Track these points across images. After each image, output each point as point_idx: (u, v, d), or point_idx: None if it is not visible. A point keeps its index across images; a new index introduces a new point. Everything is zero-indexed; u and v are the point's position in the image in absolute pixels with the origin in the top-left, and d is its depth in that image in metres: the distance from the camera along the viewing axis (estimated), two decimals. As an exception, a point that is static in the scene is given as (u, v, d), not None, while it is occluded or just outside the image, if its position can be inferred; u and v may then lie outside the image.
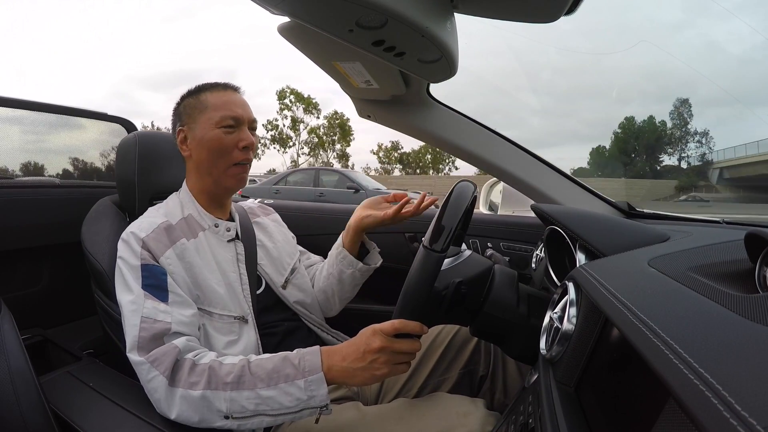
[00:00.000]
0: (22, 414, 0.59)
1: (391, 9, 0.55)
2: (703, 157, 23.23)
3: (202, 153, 0.78)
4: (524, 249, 1.25)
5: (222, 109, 0.78)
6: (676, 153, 24.50)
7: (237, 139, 0.78)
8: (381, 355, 0.61)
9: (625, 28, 43.22)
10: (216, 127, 0.77)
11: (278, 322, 0.85)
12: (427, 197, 0.89)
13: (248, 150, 0.79)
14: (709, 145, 24.27)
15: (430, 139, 1.14)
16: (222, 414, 0.61)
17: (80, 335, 1.17)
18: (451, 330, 0.89)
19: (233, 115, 0.78)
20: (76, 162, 1.81)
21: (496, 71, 33.64)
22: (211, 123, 0.77)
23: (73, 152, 1.70)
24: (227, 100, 0.79)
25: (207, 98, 0.79)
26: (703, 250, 0.54)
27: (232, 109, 0.78)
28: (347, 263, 0.93)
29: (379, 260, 0.98)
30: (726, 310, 0.34)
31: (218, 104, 0.78)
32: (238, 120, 0.79)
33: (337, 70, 0.90)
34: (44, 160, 1.75)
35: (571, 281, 0.54)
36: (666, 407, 0.28)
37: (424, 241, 0.61)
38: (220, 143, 0.77)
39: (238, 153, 0.79)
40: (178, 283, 0.70)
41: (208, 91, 0.80)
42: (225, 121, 0.77)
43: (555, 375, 0.48)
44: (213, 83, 0.82)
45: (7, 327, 0.67)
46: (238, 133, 0.78)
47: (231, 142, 0.78)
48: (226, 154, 0.78)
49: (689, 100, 24.77)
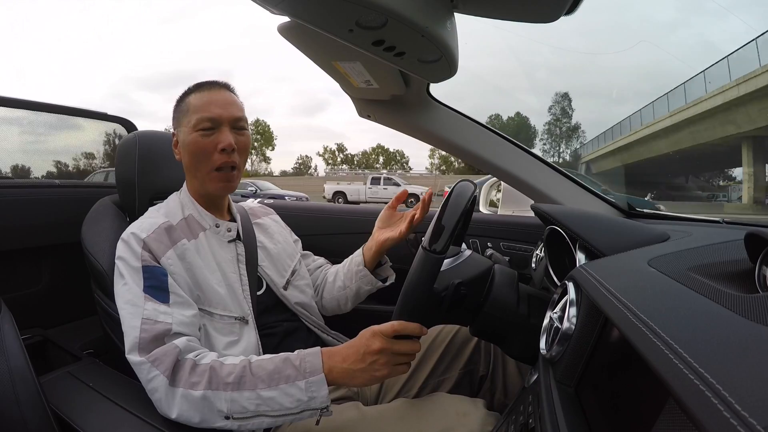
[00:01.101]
0: (22, 414, 0.59)
1: (391, 9, 0.55)
2: (575, 152, 23.08)
3: (185, 157, 0.78)
4: (524, 249, 1.25)
5: (200, 111, 0.75)
6: (547, 147, 24.22)
7: (215, 141, 0.75)
8: (381, 356, 0.62)
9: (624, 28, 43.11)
10: (193, 130, 0.75)
11: (278, 323, 0.85)
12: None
13: (227, 152, 0.75)
14: (580, 140, 24.07)
15: (430, 139, 1.14)
16: (223, 414, 0.61)
17: (80, 335, 1.17)
18: (451, 330, 0.89)
19: (210, 116, 0.75)
20: (76, 161, 1.81)
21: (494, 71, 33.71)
22: (189, 126, 0.75)
23: (73, 153, 1.70)
24: (207, 101, 0.76)
25: (190, 101, 0.77)
26: (703, 250, 0.54)
27: (210, 110, 0.75)
28: (367, 281, 0.94)
29: (393, 275, 0.98)
30: (726, 310, 0.34)
31: (197, 106, 0.76)
32: (216, 121, 0.75)
33: (337, 70, 0.90)
34: (44, 161, 1.76)
35: (571, 281, 0.54)
36: (666, 407, 0.28)
37: (424, 243, 0.61)
38: (196, 147, 0.75)
39: (218, 156, 0.75)
40: (179, 284, 0.70)
41: (193, 93, 0.78)
42: (201, 124, 0.75)
43: (555, 375, 0.48)
44: (201, 83, 0.80)
45: (7, 327, 0.67)
46: (216, 134, 0.75)
47: (209, 145, 0.75)
48: (205, 158, 0.75)
49: (569, 94, 24.67)
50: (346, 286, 0.96)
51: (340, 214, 1.45)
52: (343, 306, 0.99)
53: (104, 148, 1.79)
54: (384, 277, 0.97)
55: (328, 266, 1.06)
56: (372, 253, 0.93)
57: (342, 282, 0.97)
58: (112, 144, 1.33)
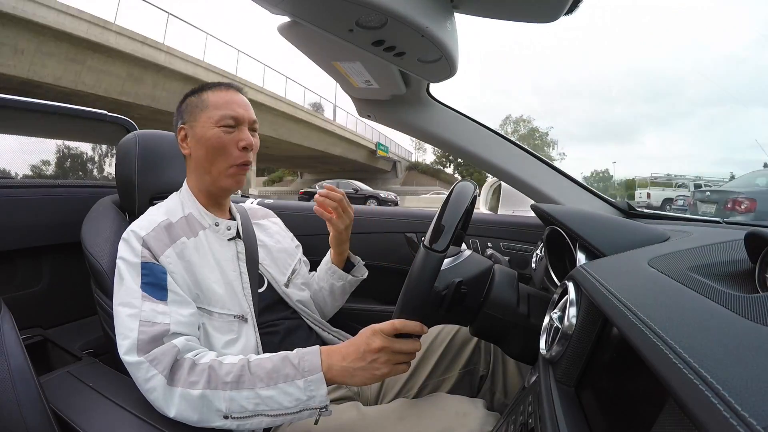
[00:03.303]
0: (22, 414, 0.59)
1: (391, 9, 0.55)
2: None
3: (200, 151, 0.78)
4: (524, 249, 1.25)
5: (223, 108, 0.78)
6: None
7: (236, 138, 0.78)
8: (381, 355, 0.61)
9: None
10: (216, 125, 0.77)
11: (279, 321, 0.85)
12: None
13: (247, 150, 0.79)
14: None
15: (430, 139, 1.14)
16: (221, 414, 0.61)
17: (80, 335, 1.17)
18: (451, 330, 0.89)
19: (233, 115, 0.78)
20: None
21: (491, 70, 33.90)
22: (211, 121, 0.77)
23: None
24: (228, 100, 0.79)
25: (209, 97, 0.79)
26: (703, 250, 0.54)
27: (233, 109, 0.78)
28: (337, 276, 0.99)
29: (365, 272, 1.04)
30: (726, 310, 0.34)
31: (219, 103, 0.78)
32: (238, 120, 0.78)
33: (337, 70, 0.90)
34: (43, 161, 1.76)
35: (571, 281, 0.54)
36: (666, 407, 0.28)
37: (424, 241, 0.61)
38: (218, 142, 0.77)
39: (237, 153, 0.78)
40: (177, 282, 0.70)
41: (210, 90, 0.80)
42: (225, 120, 0.77)
43: (555, 375, 0.48)
44: (216, 83, 0.82)
45: (7, 327, 0.67)
46: (237, 132, 0.78)
47: (230, 141, 0.78)
48: (225, 153, 0.78)
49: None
50: (321, 286, 1.00)
51: None
52: (324, 307, 1.01)
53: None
54: (358, 276, 1.02)
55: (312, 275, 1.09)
56: (334, 253, 0.99)
57: (317, 284, 1.01)
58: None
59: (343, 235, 0.94)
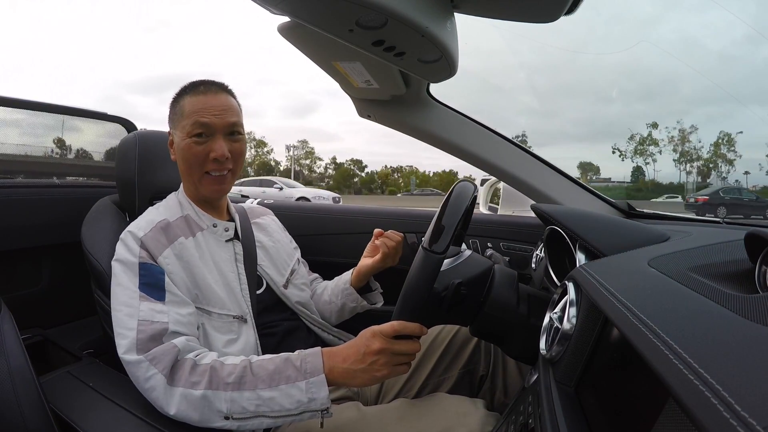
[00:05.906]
0: (22, 414, 0.59)
1: (391, 9, 0.55)
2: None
3: (179, 161, 0.78)
4: (524, 249, 1.25)
5: (193, 116, 0.74)
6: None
7: (207, 149, 0.74)
8: (381, 356, 0.62)
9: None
10: (187, 136, 0.74)
11: (278, 322, 0.85)
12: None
13: (219, 162, 0.75)
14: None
15: (430, 139, 1.14)
16: (222, 414, 0.61)
17: (80, 335, 1.17)
18: (451, 330, 0.89)
19: (203, 122, 0.74)
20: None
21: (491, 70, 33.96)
22: (184, 131, 0.75)
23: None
24: (201, 107, 0.74)
25: (184, 104, 0.76)
26: (703, 250, 0.54)
27: (203, 116, 0.73)
28: (352, 299, 0.97)
29: (381, 301, 1.03)
30: (726, 310, 0.34)
31: (191, 111, 0.74)
32: (209, 127, 0.74)
33: (337, 70, 0.90)
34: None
35: (571, 281, 0.54)
36: (666, 407, 0.28)
37: (424, 243, 0.61)
38: (188, 153, 0.75)
39: (210, 164, 0.75)
40: (176, 283, 0.70)
41: (188, 94, 0.77)
42: (195, 130, 0.74)
43: (555, 375, 0.48)
44: (197, 83, 0.78)
45: (7, 327, 0.67)
46: (209, 142, 0.74)
47: (201, 152, 0.74)
48: (197, 165, 0.75)
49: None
50: (332, 301, 0.99)
51: (339, 214, 1.45)
52: (329, 318, 1.01)
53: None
54: (373, 302, 1.01)
55: (320, 280, 1.08)
56: (357, 275, 0.97)
57: (328, 297, 1.00)
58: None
59: (379, 268, 0.95)
